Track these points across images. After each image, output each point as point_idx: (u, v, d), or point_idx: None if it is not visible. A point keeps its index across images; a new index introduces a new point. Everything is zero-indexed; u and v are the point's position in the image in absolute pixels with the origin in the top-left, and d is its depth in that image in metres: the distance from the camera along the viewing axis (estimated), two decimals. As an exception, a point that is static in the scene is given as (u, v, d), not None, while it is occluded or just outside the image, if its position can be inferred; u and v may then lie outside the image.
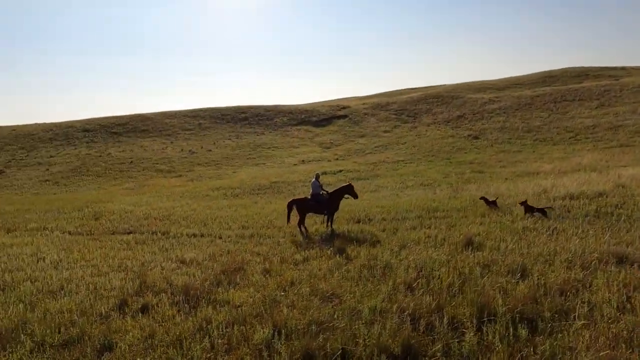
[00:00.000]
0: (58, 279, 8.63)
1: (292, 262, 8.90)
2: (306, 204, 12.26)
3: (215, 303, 6.50)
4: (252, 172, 33.23)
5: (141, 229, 14.36)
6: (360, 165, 32.87)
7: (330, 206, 12.26)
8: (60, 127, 50.37)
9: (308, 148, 42.24)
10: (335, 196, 12.34)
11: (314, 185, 12.62)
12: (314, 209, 12.34)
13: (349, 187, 12.41)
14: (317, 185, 12.59)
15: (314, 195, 12.43)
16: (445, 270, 7.02)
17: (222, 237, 12.42)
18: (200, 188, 27.50)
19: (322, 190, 12.67)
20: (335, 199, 12.32)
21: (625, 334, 4.45)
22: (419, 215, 13.11)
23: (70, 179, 34.92)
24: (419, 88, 67.90)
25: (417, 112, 48.66)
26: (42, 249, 11.91)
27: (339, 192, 12.45)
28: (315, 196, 12.41)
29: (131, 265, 9.61)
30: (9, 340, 5.64)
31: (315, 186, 12.57)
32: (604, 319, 4.77)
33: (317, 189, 12.54)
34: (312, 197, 12.41)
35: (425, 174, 27.05)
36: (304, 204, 12.27)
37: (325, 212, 12.35)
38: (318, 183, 12.68)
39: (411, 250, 8.85)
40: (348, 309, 5.75)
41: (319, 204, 12.28)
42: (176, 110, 55.19)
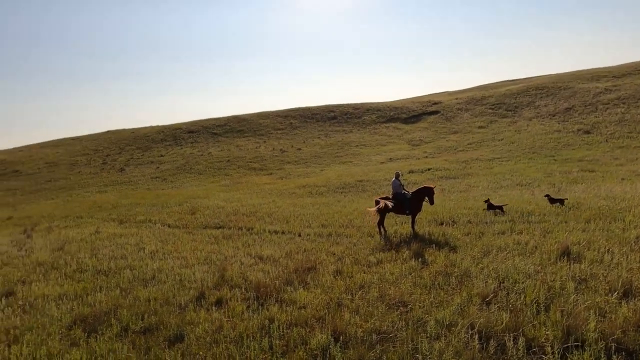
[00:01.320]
0: (151, 268, 9.49)
1: (365, 264, 8.69)
2: (386, 203, 11.93)
3: (282, 302, 6.58)
4: (339, 171, 33.47)
5: (229, 224, 15.23)
6: (450, 164, 31.25)
7: (412, 206, 11.81)
8: (169, 129, 55.82)
9: (396, 146, 41.36)
10: (417, 196, 11.87)
11: (394, 185, 12.27)
12: (395, 209, 11.98)
13: (429, 190, 11.82)
14: (398, 185, 12.22)
15: (396, 195, 12.09)
16: (531, 283, 6.28)
17: (302, 235, 12.63)
18: (288, 186, 28.43)
19: (403, 189, 12.26)
20: (417, 199, 11.84)
21: None
22: (510, 218, 12.01)
23: (176, 176, 38.48)
24: (520, 79, 62.53)
25: (517, 106, 44.86)
26: (144, 239, 13.23)
27: (420, 193, 11.92)
28: (397, 196, 12.06)
29: (215, 259, 10.20)
30: (102, 323, 6.31)
31: (396, 185, 12.21)
32: None
33: (399, 188, 12.18)
34: (394, 197, 12.08)
35: (524, 173, 24.76)
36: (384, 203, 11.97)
37: (407, 212, 11.93)
38: (399, 182, 12.30)
39: (495, 257, 8.09)
40: (414, 319, 5.41)
41: (401, 203, 11.91)
42: (269, 110, 57.86)
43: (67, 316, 6.72)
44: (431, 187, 11.95)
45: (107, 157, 48.37)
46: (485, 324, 4.91)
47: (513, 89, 50.38)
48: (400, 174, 12.82)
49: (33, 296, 7.92)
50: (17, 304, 7.57)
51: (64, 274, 9.61)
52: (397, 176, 12.50)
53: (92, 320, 6.43)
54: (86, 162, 47.18)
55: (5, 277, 9.50)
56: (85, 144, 54.65)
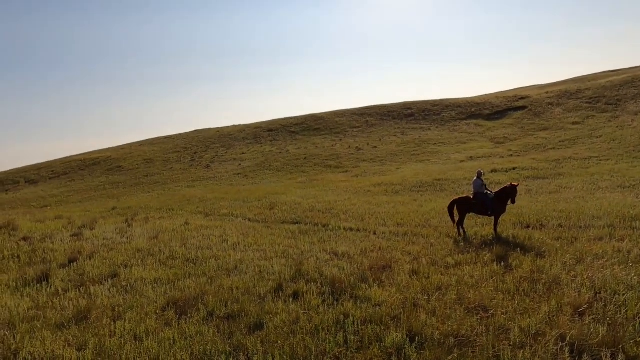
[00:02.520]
0: (234, 259, 10.07)
1: (443, 265, 8.44)
2: (468, 203, 11.53)
3: (356, 299, 6.63)
4: (415, 169, 32.68)
5: (305, 220, 15.63)
6: (539, 163, 29.01)
7: (495, 207, 11.22)
8: (250, 127, 58.56)
9: (477, 143, 39.33)
10: (501, 196, 11.25)
11: (476, 184, 11.77)
12: (477, 209, 11.52)
13: (513, 189, 11.14)
14: (480, 184, 11.70)
15: (477, 195, 11.59)
16: (634, 295, 5.65)
17: (377, 233, 12.58)
18: (363, 183, 28.39)
19: (485, 189, 11.69)
20: (501, 200, 11.23)
21: None
22: (609, 223, 10.90)
23: (256, 172, 40.28)
24: (623, 70, 56.02)
25: (619, 99, 40.32)
26: (227, 232, 14.06)
27: (504, 193, 11.28)
28: (478, 195, 11.55)
29: (292, 253, 10.54)
30: (191, 306, 6.85)
31: (478, 185, 11.70)
32: None
33: (480, 187, 11.66)
34: (475, 197, 11.59)
35: (627, 174, 22.19)
36: (466, 203, 11.54)
37: (489, 213, 11.37)
38: (481, 181, 11.77)
39: (590, 265, 7.40)
40: (495, 325, 5.14)
41: (483, 204, 11.39)
42: (345, 109, 58.18)
43: (161, 298, 7.39)
44: (515, 185, 11.26)
45: (195, 154, 52.06)
46: (577, 336, 4.52)
47: (615, 80, 45.32)
48: (482, 173, 12.24)
49: (133, 279, 8.81)
50: (120, 284, 8.48)
51: (158, 260, 10.56)
52: (479, 175, 11.95)
53: (183, 303, 7.00)
54: (177, 159, 51.21)
55: (111, 260, 10.68)
56: (176, 142, 59.31)
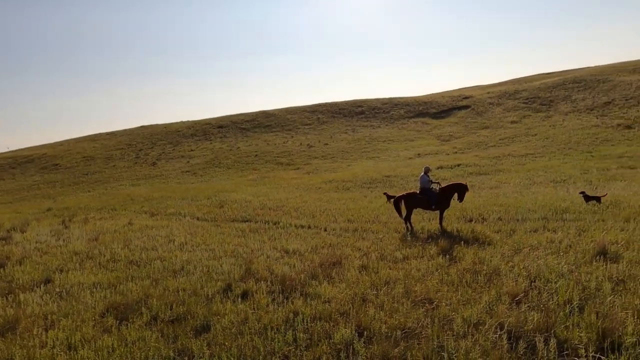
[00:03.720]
0: (181, 260, 9.72)
1: (391, 259, 8.62)
2: (415, 198, 11.83)
3: (306, 296, 6.61)
4: (366, 166, 33.27)
5: (256, 218, 15.42)
6: (481, 160, 30.51)
7: (440, 202, 11.61)
8: (199, 124, 56.93)
9: (425, 141, 40.72)
10: (446, 192, 11.65)
11: (423, 180, 12.10)
12: (423, 204, 11.84)
13: (461, 187, 11.58)
14: (427, 180, 12.06)
15: (423, 190, 11.92)
16: (564, 283, 6.05)
17: (327, 229, 12.64)
18: (315, 181, 28.49)
19: (432, 184, 12.07)
20: (446, 195, 11.64)
21: None
22: (543, 216, 11.63)
23: (205, 170, 39.24)
24: (555, 72, 60.21)
25: (552, 100, 43.28)
26: (174, 232, 13.56)
27: (451, 188, 11.70)
28: (425, 191, 11.89)
29: (242, 251, 10.34)
30: (133, 311, 6.51)
31: (425, 181, 12.05)
32: None
33: (427, 183, 12.01)
34: (421, 192, 11.92)
35: (559, 170, 23.88)
36: (413, 199, 11.84)
37: (433, 207, 11.75)
38: (427, 177, 12.14)
39: (526, 256, 7.85)
40: (440, 316, 5.31)
41: (429, 199, 11.75)
42: (297, 106, 58.07)
43: (100, 304, 6.97)
44: (464, 184, 11.70)
45: (140, 151, 49.84)
46: (514, 323, 4.77)
47: (548, 82, 48.61)
48: (429, 169, 12.62)
49: (69, 284, 8.25)
50: (54, 291, 7.91)
51: (98, 263, 9.97)
52: (425, 171, 12.32)
53: (124, 308, 6.64)
54: (120, 156, 48.77)
55: (44, 265, 9.94)
56: (119, 139, 56.47)
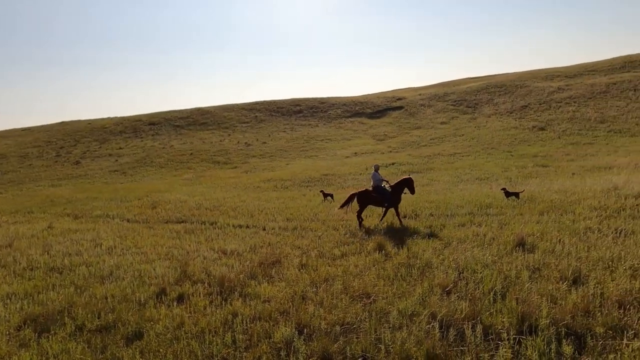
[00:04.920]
0: (109, 265, 9.13)
1: (330, 257, 8.74)
2: (368, 196, 12.09)
3: (245, 296, 6.51)
4: (304, 165, 33.45)
5: (192, 219, 14.90)
6: (414, 158, 31.91)
7: (392, 199, 11.98)
8: (128, 120, 53.84)
9: (361, 140, 41.77)
10: (397, 189, 12.05)
11: (375, 178, 12.38)
12: (375, 201, 12.11)
13: (409, 181, 12.05)
14: (379, 178, 12.37)
15: (376, 188, 12.21)
16: (488, 273, 6.51)
17: (266, 228, 12.54)
18: (253, 179, 28.13)
19: (383, 182, 12.40)
20: (397, 192, 12.03)
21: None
22: (470, 211, 12.40)
23: (136, 169, 37.20)
24: (480, 77, 64.56)
25: (477, 103, 46.34)
26: (102, 235, 12.71)
27: (400, 185, 12.11)
28: (377, 188, 12.18)
29: (177, 254, 9.94)
30: (55, 322, 6.01)
31: (377, 178, 12.34)
32: (669, 340, 4.12)
33: (379, 181, 12.31)
34: (374, 189, 12.19)
35: (483, 168, 25.65)
36: (366, 196, 12.09)
37: (386, 204, 12.08)
38: (379, 175, 12.46)
39: (455, 249, 8.34)
40: (377, 310, 5.48)
41: (381, 196, 12.06)
42: (234, 103, 56.92)
43: (15, 316, 6.36)
44: (411, 177, 12.19)
45: (61, 149, 46.09)
46: (445, 313, 5.05)
47: (473, 86, 51.97)
48: (379, 167, 12.97)
49: (-22, 296, 7.43)
50: (-41, 304, 7.08)
51: (12, 272, 9.09)
52: (376, 169, 12.67)
53: (44, 319, 6.11)
54: (38, 154, 44.77)
55: (-54, 276, 8.86)
56: (37, 136, 51.81)
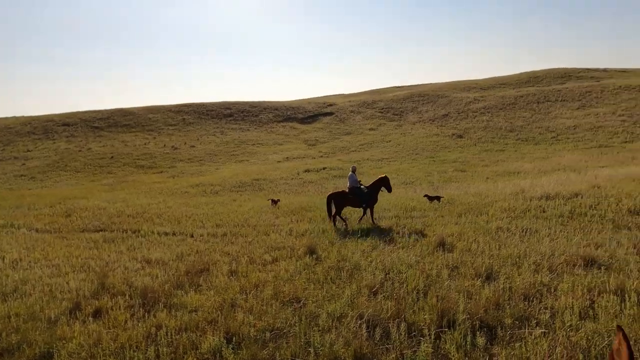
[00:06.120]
0: (13, 280, 8.24)
1: (261, 262, 8.65)
2: (344, 197, 12.19)
3: (171, 307, 6.21)
4: (235, 169, 32.83)
5: (112, 227, 13.96)
6: (344, 163, 32.67)
7: (369, 199, 12.19)
8: (39, 120, 49.20)
9: (293, 145, 41.95)
10: (373, 189, 12.29)
11: (351, 179, 12.53)
12: (352, 202, 12.26)
13: (385, 180, 12.35)
14: (355, 179, 12.51)
15: (352, 189, 12.32)
16: (412, 272, 6.84)
17: (194, 235, 12.11)
18: (180, 184, 27.03)
19: (359, 183, 12.55)
20: (373, 192, 12.27)
21: (585, 343, 4.29)
22: (396, 214, 12.96)
23: (47, 174, 34.05)
24: (405, 87, 68.00)
25: (402, 111, 48.68)
26: (4, 247, 11.45)
27: (377, 184, 12.37)
28: (354, 189, 12.30)
29: (94, 265, 9.24)
30: (-56, 348, 5.28)
31: (353, 180, 12.47)
32: (565, 327, 4.62)
33: (356, 182, 12.44)
34: (351, 191, 12.30)
35: (408, 172, 26.97)
36: (342, 197, 12.19)
37: (364, 205, 12.26)
38: (355, 177, 12.60)
39: (382, 251, 8.66)
40: (307, 314, 5.52)
41: (358, 197, 12.22)
42: (160, 105, 54.36)
43: None
44: (386, 176, 12.51)
45: (-45, 151, 40.88)
46: (372, 313, 5.21)
47: (399, 95, 54.56)
48: (356, 168, 13.16)
49: None
50: None
51: None
52: (353, 170, 12.86)
53: None
54: None
55: None
56: None
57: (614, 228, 9.19)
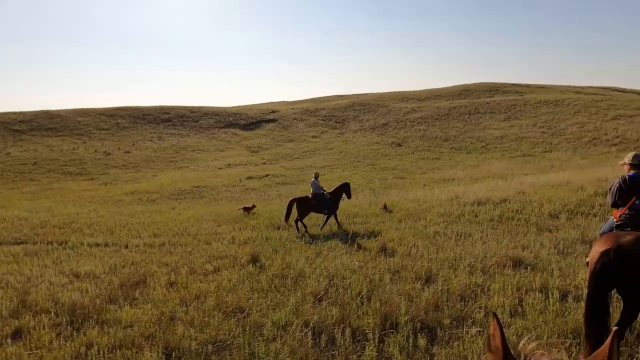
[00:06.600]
0: None
1: (202, 272, 8.35)
2: (307, 203, 12.25)
3: (103, 324, 5.80)
4: (174, 176, 31.60)
5: (35, 239, 12.83)
6: (287, 170, 32.65)
7: (331, 205, 12.31)
8: (-53, 122, 44.29)
9: (235, 152, 41.23)
10: (335, 195, 12.43)
11: (314, 185, 12.58)
12: (315, 208, 12.35)
13: (346, 186, 12.61)
14: (318, 185, 12.58)
15: (315, 195, 12.38)
16: (356, 278, 6.93)
17: (129, 246, 11.46)
18: (114, 192, 25.53)
19: (322, 190, 12.63)
20: (336, 198, 12.40)
21: (515, 339, 4.57)
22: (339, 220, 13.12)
23: (-43, 181, 30.69)
24: (347, 95, 69.55)
25: (345, 119, 49.67)
26: None
27: (338, 190, 12.54)
28: (316, 196, 12.37)
29: (14, 281, 8.41)
30: None
31: (316, 186, 12.54)
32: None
33: (318, 188, 12.52)
34: (313, 197, 12.37)
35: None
36: (305, 203, 12.22)
37: (326, 211, 12.34)
38: (318, 183, 12.67)
39: (326, 257, 8.72)
40: (251, 324, 5.40)
41: (321, 203, 12.31)
42: (91, 108, 51.12)
43: None
44: (348, 183, 12.88)
45: None
46: (317, 320, 5.21)
47: (341, 103, 55.66)
48: (318, 175, 13.29)
49: None
50: None
51: None
52: (316, 177, 12.93)
53: None
54: None
55: None
56: None
57: (537, 231, 9.95)
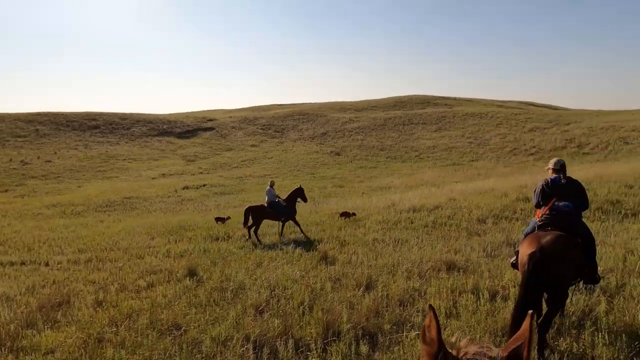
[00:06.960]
0: None
1: (134, 289, 7.84)
2: (263, 211, 12.14)
3: (19, 351, 5.23)
4: (102, 187, 29.61)
5: None
6: (226, 180, 31.90)
7: (288, 213, 12.25)
8: None
9: (170, 161, 39.60)
10: (290, 201, 12.37)
11: (269, 193, 12.48)
12: (271, 216, 12.25)
13: (300, 190, 12.59)
14: (273, 193, 12.48)
15: (271, 203, 12.29)
16: (297, 287, 6.88)
17: (50, 264, 10.51)
18: (32, 205, 23.36)
19: (277, 197, 12.52)
20: (291, 205, 12.34)
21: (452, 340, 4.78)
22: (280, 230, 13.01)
23: None
24: (286, 105, 69.78)
25: (284, 128, 49.69)
26: None
27: (293, 196, 12.48)
28: (272, 204, 12.29)
29: None
30: None
31: (272, 194, 12.44)
32: (434, 327, 5.09)
33: (273, 197, 12.43)
34: (269, 205, 12.27)
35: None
36: (261, 211, 12.09)
37: (282, 219, 12.24)
38: (273, 191, 12.57)
39: (267, 268, 8.57)
40: (188, 341, 5.14)
41: (277, 211, 12.23)
42: (5, 113, 46.64)
43: None
44: (301, 187, 12.85)
45: None
46: (259, 333, 5.08)
47: (280, 112, 55.69)
48: (274, 183, 13.13)
49: None
50: None
51: None
52: (271, 185, 12.81)
53: None
54: None
55: None
56: None
57: (467, 235, 10.55)
